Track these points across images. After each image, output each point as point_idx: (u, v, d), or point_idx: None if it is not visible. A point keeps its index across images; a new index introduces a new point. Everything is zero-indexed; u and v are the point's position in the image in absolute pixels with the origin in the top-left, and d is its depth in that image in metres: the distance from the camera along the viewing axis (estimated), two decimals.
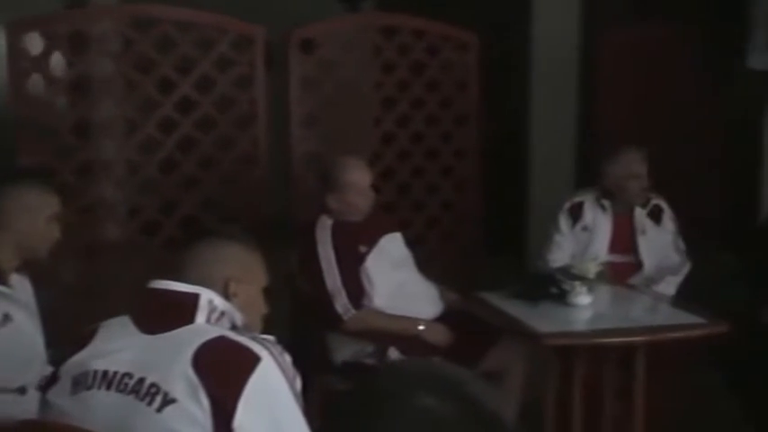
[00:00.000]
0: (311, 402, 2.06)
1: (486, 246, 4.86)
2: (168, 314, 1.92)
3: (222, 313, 1.96)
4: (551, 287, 3.57)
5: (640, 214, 4.07)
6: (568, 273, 3.56)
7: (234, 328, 1.98)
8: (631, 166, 3.98)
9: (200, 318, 1.92)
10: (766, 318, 3.67)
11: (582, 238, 4.07)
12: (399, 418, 1.06)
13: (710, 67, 5.03)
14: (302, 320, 3.77)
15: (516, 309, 3.51)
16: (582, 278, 3.51)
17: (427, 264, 3.92)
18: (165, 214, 4.07)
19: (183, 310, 1.92)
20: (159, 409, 1.80)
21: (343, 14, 5.69)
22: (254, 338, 1.90)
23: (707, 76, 5.03)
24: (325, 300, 3.51)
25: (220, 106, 4.13)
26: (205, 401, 1.78)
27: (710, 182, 5.21)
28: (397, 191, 4.62)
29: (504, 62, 5.64)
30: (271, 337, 1.94)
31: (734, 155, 5.23)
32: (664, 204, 4.11)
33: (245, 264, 2.08)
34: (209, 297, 1.94)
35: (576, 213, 4.09)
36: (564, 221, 4.10)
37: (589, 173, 4.47)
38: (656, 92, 5.10)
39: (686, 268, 4.03)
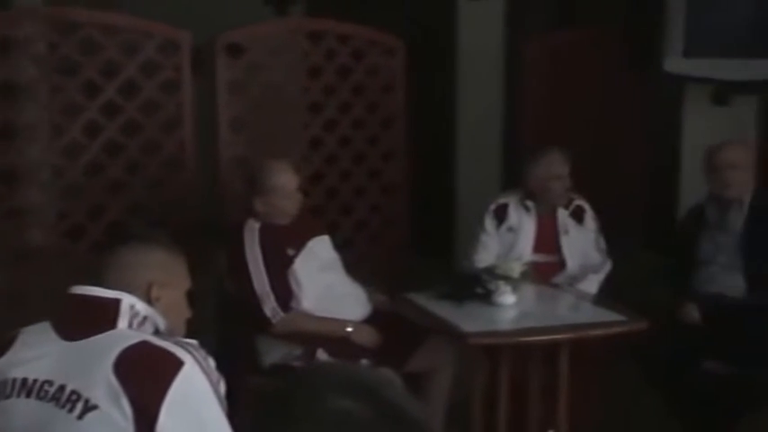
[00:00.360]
0: (240, 405, 2.06)
1: (414, 247, 4.90)
2: (89, 320, 1.91)
3: (145, 318, 1.96)
4: (477, 287, 3.62)
5: (563, 215, 4.14)
6: (493, 273, 3.62)
7: (157, 332, 1.97)
8: (553, 167, 4.05)
9: (122, 323, 1.92)
10: (683, 315, 3.77)
11: (507, 239, 4.12)
12: (316, 421, 1.08)
13: (631, 71, 5.14)
14: (230, 323, 3.77)
15: (443, 309, 3.56)
16: (506, 278, 3.57)
17: (355, 266, 3.95)
18: (91, 219, 4.02)
19: (104, 316, 1.91)
20: (80, 416, 1.79)
21: (271, 19, 5.69)
22: (177, 343, 1.90)
23: (628, 80, 5.14)
24: (254, 303, 3.52)
25: (146, 110, 4.10)
26: (127, 407, 1.78)
27: (632, 182, 5.33)
28: (326, 194, 4.63)
29: (430, 66, 5.69)
30: (194, 342, 1.94)
31: (654, 156, 5.36)
32: (585, 205, 4.18)
33: (168, 268, 2.08)
34: (130, 302, 1.94)
35: (500, 215, 4.15)
36: (489, 222, 4.15)
37: (514, 175, 4.54)
38: (579, 95, 5.20)
39: (608, 267, 4.11)
